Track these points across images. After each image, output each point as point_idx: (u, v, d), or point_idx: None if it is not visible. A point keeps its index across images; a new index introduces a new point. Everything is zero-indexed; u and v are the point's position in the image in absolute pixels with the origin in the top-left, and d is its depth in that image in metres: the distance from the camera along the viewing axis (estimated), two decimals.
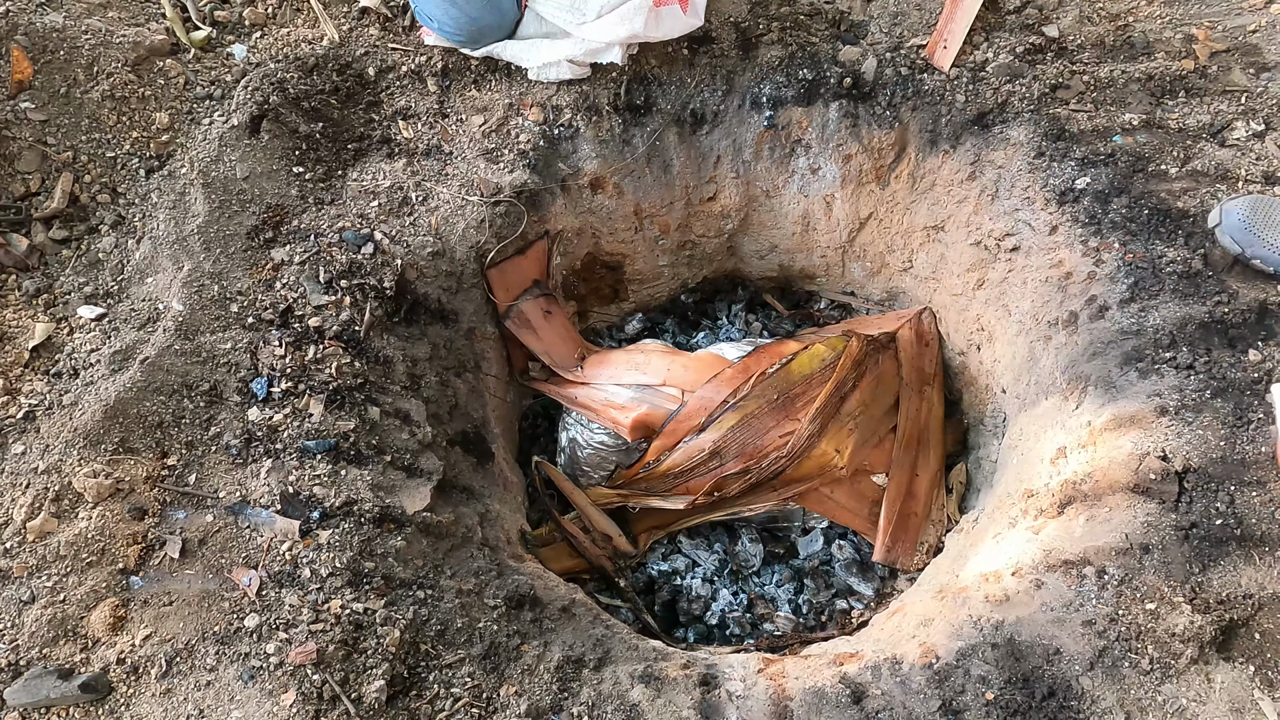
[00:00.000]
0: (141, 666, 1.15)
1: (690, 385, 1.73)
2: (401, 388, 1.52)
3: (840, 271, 2.09)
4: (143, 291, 1.47)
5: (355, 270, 1.52)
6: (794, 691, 1.24)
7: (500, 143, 1.74)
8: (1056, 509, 1.39)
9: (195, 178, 1.54)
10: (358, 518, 1.30)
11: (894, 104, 1.78)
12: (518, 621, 1.33)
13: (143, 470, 1.29)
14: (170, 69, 1.66)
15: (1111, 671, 1.15)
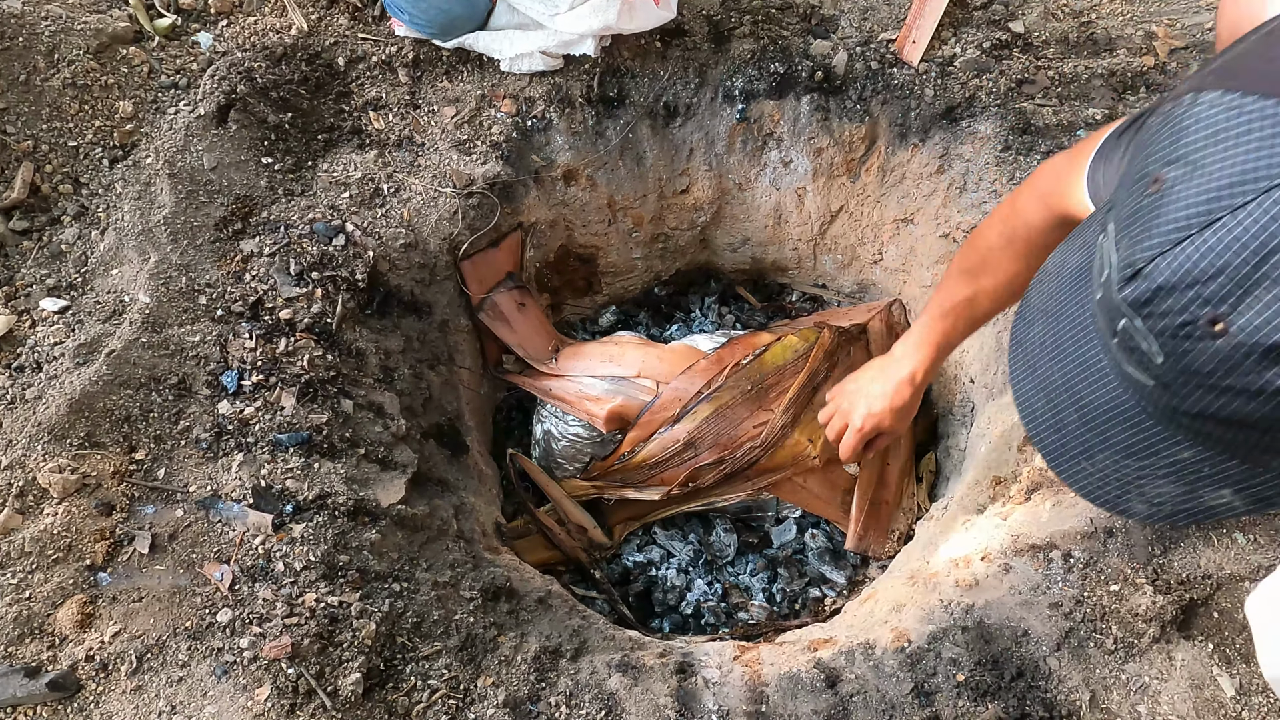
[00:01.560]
0: (111, 664, 1.13)
1: (664, 377, 1.74)
2: (375, 380, 1.50)
3: (812, 264, 2.11)
4: (107, 284, 1.44)
5: (326, 262, 1.50)
6: (769, 677, 1.26)
7: (473, 134, 1.73)
8: (1024, 495, 1.42)
9: (161, 168, 1.51)
10: (331, 511, 1.29)
11: (864, 98, 1.80)
12: (494, 613, 1.33)
13: (110, 465, 1.26)
14: (134, 57, 1.63)
15: (1077, 651, 1.18)
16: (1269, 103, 0.48)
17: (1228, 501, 0.55)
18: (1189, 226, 0.50)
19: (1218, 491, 0.55)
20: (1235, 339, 0.48)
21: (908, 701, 1.18)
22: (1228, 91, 0.51)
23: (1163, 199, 0.52)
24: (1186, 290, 0.50)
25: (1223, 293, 0.48)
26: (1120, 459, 0.57)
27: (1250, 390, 0.49)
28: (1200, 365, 0.50)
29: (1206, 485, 0.54)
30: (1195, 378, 0.51)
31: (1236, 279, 0.48)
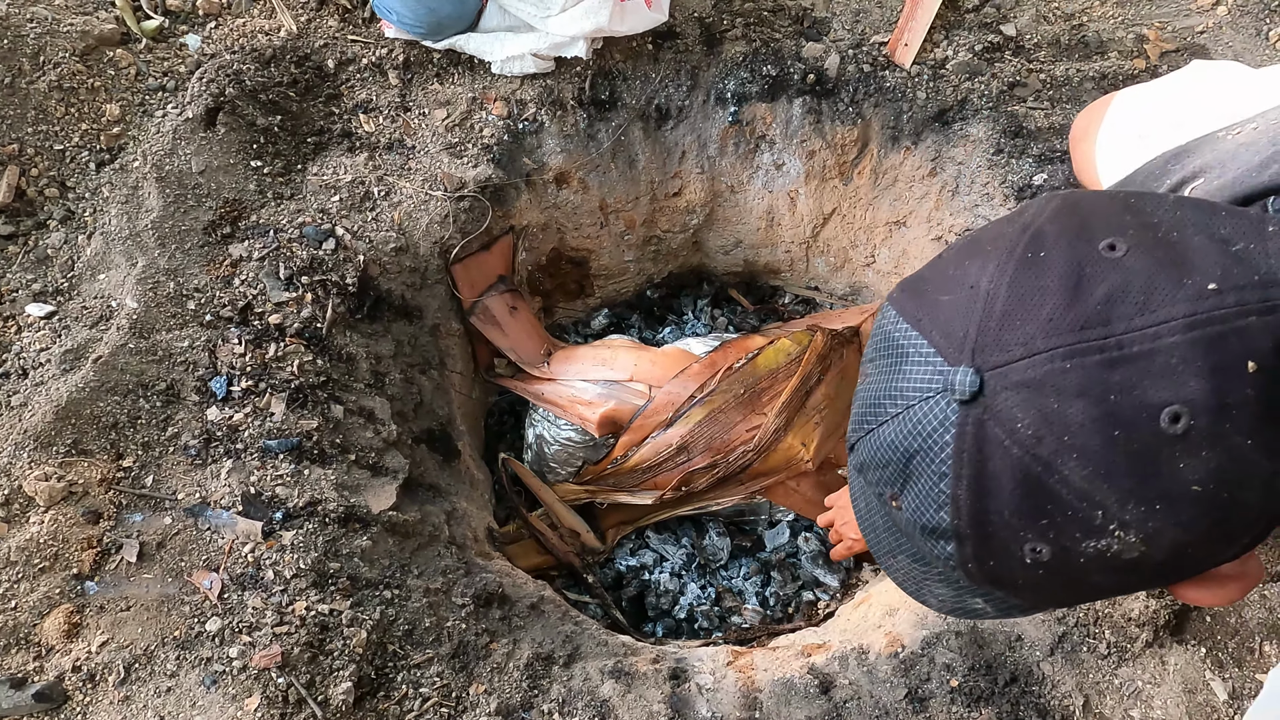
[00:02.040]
0: (98, 674, 1.12)
1: (657, 380, 1.74)
2: (365, 385, 1.49)
3: (804, 266, 2.11)
4: (94, 289, 1.42)
5: (316, 266, 1.49)
6: (763, 683, 1.26)
7: (464, 137, 1.72)
8: None
9: (148, 171, 1.50)
10: (322, 518, 1.28)
11: (856, 100, 1.80)
12: (486, 620, 1.33)
13: (97, 472, 1.25)
14: (121, 59, 1.62)
15: (1071, 656, 1.18)
16: (917, 335, 0.58)
17: (981, 607, 0.64)
18: (868, 422, 0.60)
19: (973, 599, 0.64)
20: (906, 514, 0.58)
21: (901, 707, 1.17)
22: (900, 312, 0.61)
23: (861, 387, 0.63)
24: (874, 470, 0.60)
25: (891, 477, 0.58)
26: (911, 563, 0.66)
27: (926, 555, 0.61)
28: (900, 523, 0.61)
29: (965, 593, 0.64)
30: (898, 531, 0.63)
31: (897, 470, 0.58)
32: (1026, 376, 0.51)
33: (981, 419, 0.52)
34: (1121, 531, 0.50)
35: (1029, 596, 0.60)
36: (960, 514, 0.54)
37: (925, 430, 0.55)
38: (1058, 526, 0.52)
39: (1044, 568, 0.54)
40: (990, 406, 0.52)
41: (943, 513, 0.55)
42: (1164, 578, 0.57)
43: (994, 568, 0.56)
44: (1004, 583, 0.58)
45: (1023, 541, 0.53)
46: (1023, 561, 0.54)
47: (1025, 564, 0.54)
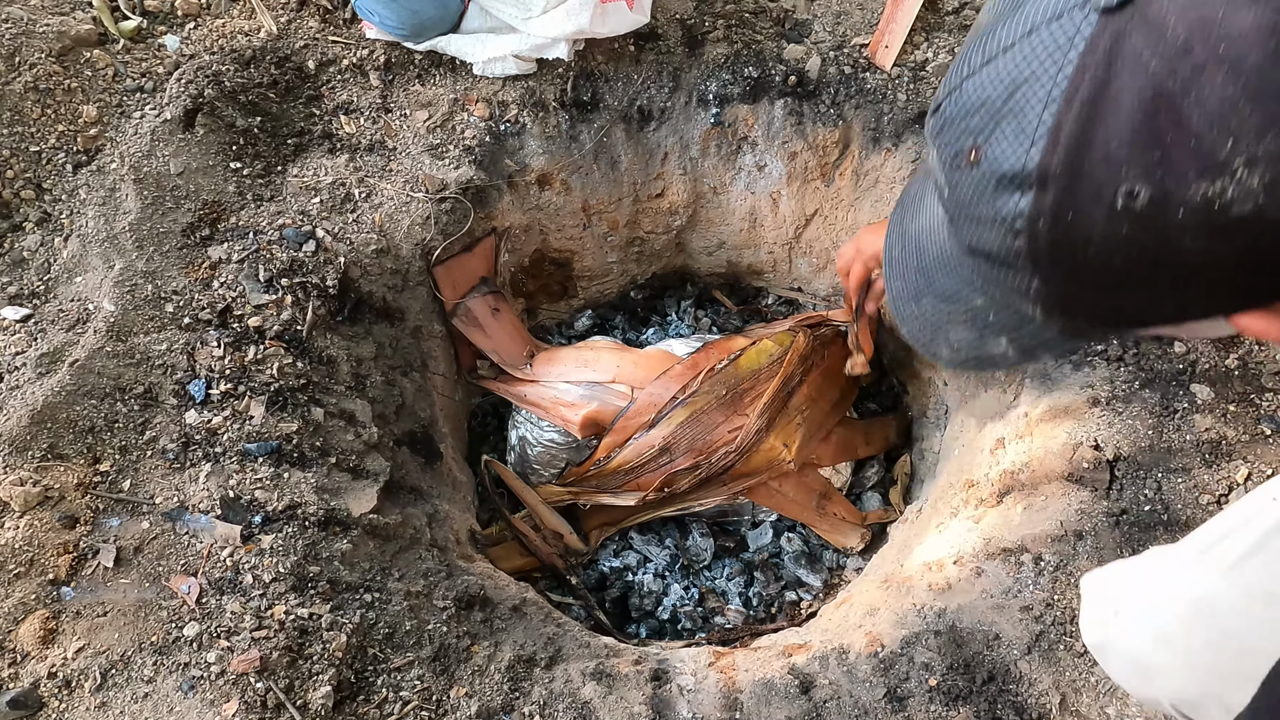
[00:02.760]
0: (74, 680, 1.11)
1: (640, 382, 1.74)
2: (346, 388, 1.49)
3: (787, 267, 2.11)
4: (71, 291, 1.41)
5: (297, 268, 1.49)
6: (744, 684, 1.26)
7: (445, 138, 1.71)
8: (996, 498, 1.43)
9: (126, 173, 1.49)
10: (302, 521, 1.27)
11: (838, 102, 1.80)
12: (468, 622, 1.32)
13: (73, 477, 1.24)
14: (98, 60, 1.60)
15: (1048, 655, 1.19)
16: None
17: (1004, 350, 0.62)
18: (976, 67, 0.55)
19: (997, 339, 0.62)
20: (983, 168, 0.54)
21: (881, 707, 1.18)
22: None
23: (968, 42, 0.59)
24: (960, 122, 0.56)
25: (979, 125, 0.54)
26: (937, 303, 0.64)
27: (990, 218, 0.55)
28: (964, 194, 0.56)
29: (990, 333, 0.61)
30: (963, 208, 0.57)
31: (991, 111, 0.53)
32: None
33: (1123, 29, 0.47)
34: (1246, 170, 0.44)
35: (1083, 294, 0.54)
36: (1056, 149, 0.49)
37: (1044, 54, 0.50)
38: (1170, 161, 0.46)
39: (1131, 223, 0.48)
40: (1142, 12, 0.47)
41: (1034, 151, 0.51)
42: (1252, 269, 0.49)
43: (1070, 224, 0.50)
44: (1069, 254, 0.51)
45: (1120, 182, 0.47)
46: (1110, 211, 0.48)
47: (1110, 217, 0.48)
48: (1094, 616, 0.95)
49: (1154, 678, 0.87)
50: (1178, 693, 0.85)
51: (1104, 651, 0.94)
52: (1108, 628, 0.92)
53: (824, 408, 1.81)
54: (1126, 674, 0.92)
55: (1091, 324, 0.58)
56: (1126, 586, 0.91)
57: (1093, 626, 0.95)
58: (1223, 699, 0.80)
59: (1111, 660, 0.93)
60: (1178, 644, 0.83)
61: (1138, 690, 0.92)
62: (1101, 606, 0.93)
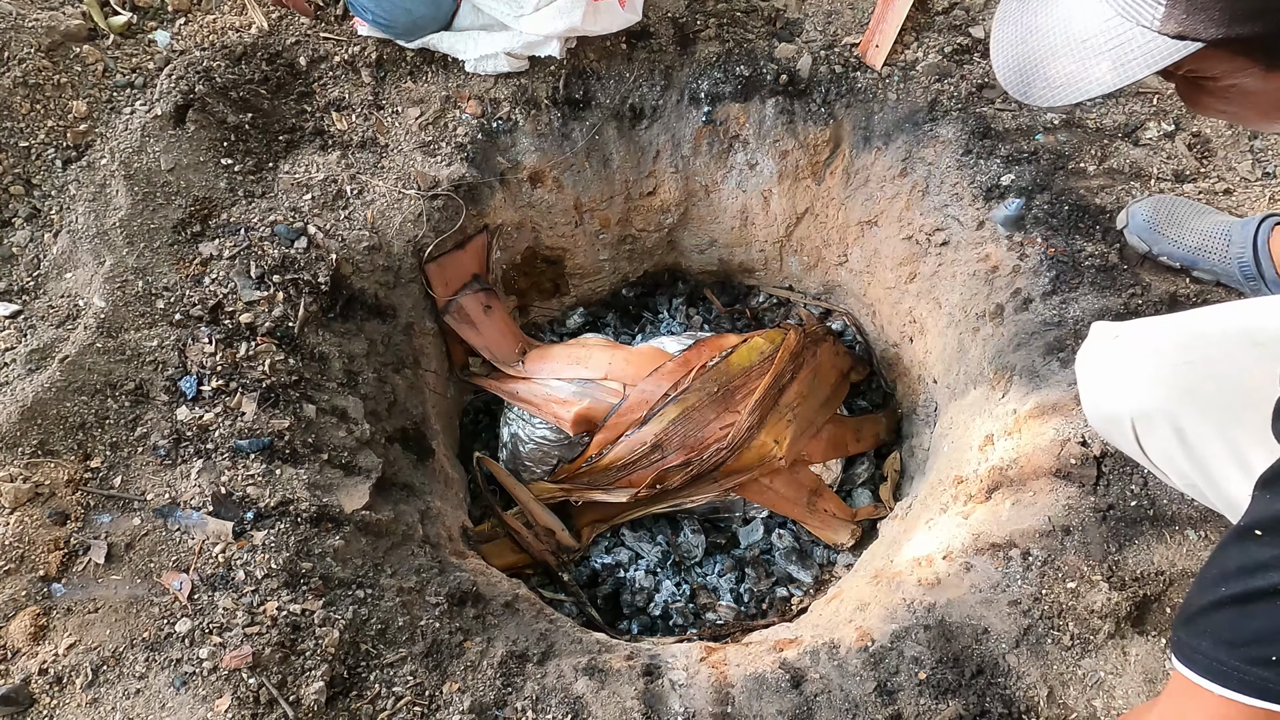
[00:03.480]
0: (66, 676, 1.11)
1: (632, 379, 1.74)
2: (338, 385, 1.49)
3: (778, 265, 2.12)
4: (61, 287, 1.41)
5: (288, 265, 1.48)
6: (735, 678, 1.27)
7: (437, 135, 1.72)
8: (984, 494, 1.44)
9: (116, 169, 1.48)
10: (294, 518, 1.27)
11: (828, 101, 1.81)
12: (460, 618, 1.33)
13: (64, 473, 1.24)
14: (88, 55, 1.60)
15: (1036, 648, 1.20)
16: None
17: (1102, 74, 0.69)
18: None
19: (1098, 63, 0.69)
20: None
21: (871, 700, 1.19)
22: None
23: None
24: None
25: None
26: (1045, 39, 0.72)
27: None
28: None
29: (1093, 59, 0.69)
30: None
31: None
32: None
33: None
34: None
35: None
36: None
37: None
38: None
39: None
40: None
41: None
42: None
43: None
44: None
45: None
46: None
47: None
48: (1095, 340, 1.06)
49: (1126, 391, 0.99)
50: (1139, 405, 0.97)
51: (1088, 369, 1.07)
52: (1104, 348, 1.04)
53: (814, 405, 1.82)
54: (1101, 387, 1.04)
55: (1209, 21, 0.62)
56: (1134, 323, 1.03)
57: (1089, 348, 1.07)
58: (1174, 416, 0.94)
59: (1093, 377, 1.06)
60: (1166, 358, 0.95)
61: (1103, 405, 1.04)
62: (1105, 332, 1.06)
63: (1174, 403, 0.94)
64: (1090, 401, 1.08)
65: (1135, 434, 1.00)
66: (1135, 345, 1.01)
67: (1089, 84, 0.71)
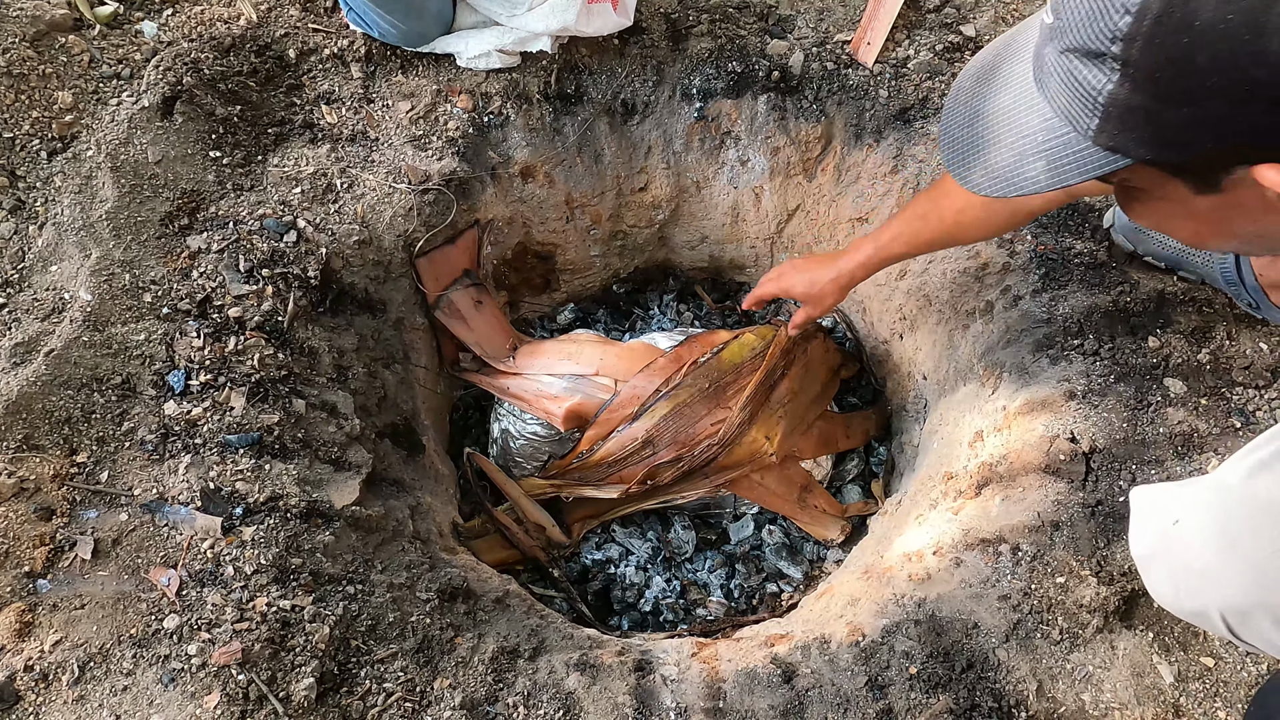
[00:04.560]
0: (52, 673, 1.10)
1: (622, 375, 1.74)
2: (328, 379, 1.48)
3: (769, 262, 2.13)
4: (46, 280, 1.39)
5: (278, 259, 1.47)
6: (727, 673, 1.27)
7: (428, 130, 1.71)
8: (974, 490, 1.45)
9: (103, 161, 1.46)
10: (283, 513, 1.27)
11: (820, 98, 1.82)
12: (451, 614, 1.32)
13: (49, 468, 1.22)
14: (73, 46, 1.58)
15: (1025, 643, 1.21)
16: None
17: (1037, 174, 0.69)
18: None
19: (1035, 163, 0.69)
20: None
21: (862, 695, 1.19)
22: None
23: None
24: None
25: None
26: (988, 126, 0.72)
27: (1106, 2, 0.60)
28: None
29: (1031, 156, 0.69)
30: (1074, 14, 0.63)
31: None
32: None
33: None
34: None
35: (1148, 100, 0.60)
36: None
37: None
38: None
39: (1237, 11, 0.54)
40: None
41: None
42: None
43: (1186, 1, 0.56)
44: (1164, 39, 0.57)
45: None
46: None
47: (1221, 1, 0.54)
48: (1149, 525, 0.94)
49: (1208, 584, 0.86)
50: (1229, 599, 0.84)
51: (1153, 561, 0.93)
52: (1165, 536, 0.90)
53: (805, 401, 1.82)
54: (1176, 583, 0.91)
55: (1138, 141, 0.63)
56: (1185, 498, 0.90)
57: (1145, 535, 0.94)
58: (1272, 608, 0.80)
59: (1160, 570, 0.92)
60: (1243, 545, 0.82)
61: (1185, 601, 0.91)
62: (1159, 515, 0.92)
63: (1268, 594, 0.82)
64: (1163, 596, 0.96)
65: (1227, 624, 0.88)
66: (1203, 534, 0.87)
67: (1023, 181, 0.71)
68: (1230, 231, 0.70)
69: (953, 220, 1.32)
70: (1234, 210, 0.65)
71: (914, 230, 1.40)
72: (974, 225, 1.31)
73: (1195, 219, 0.70)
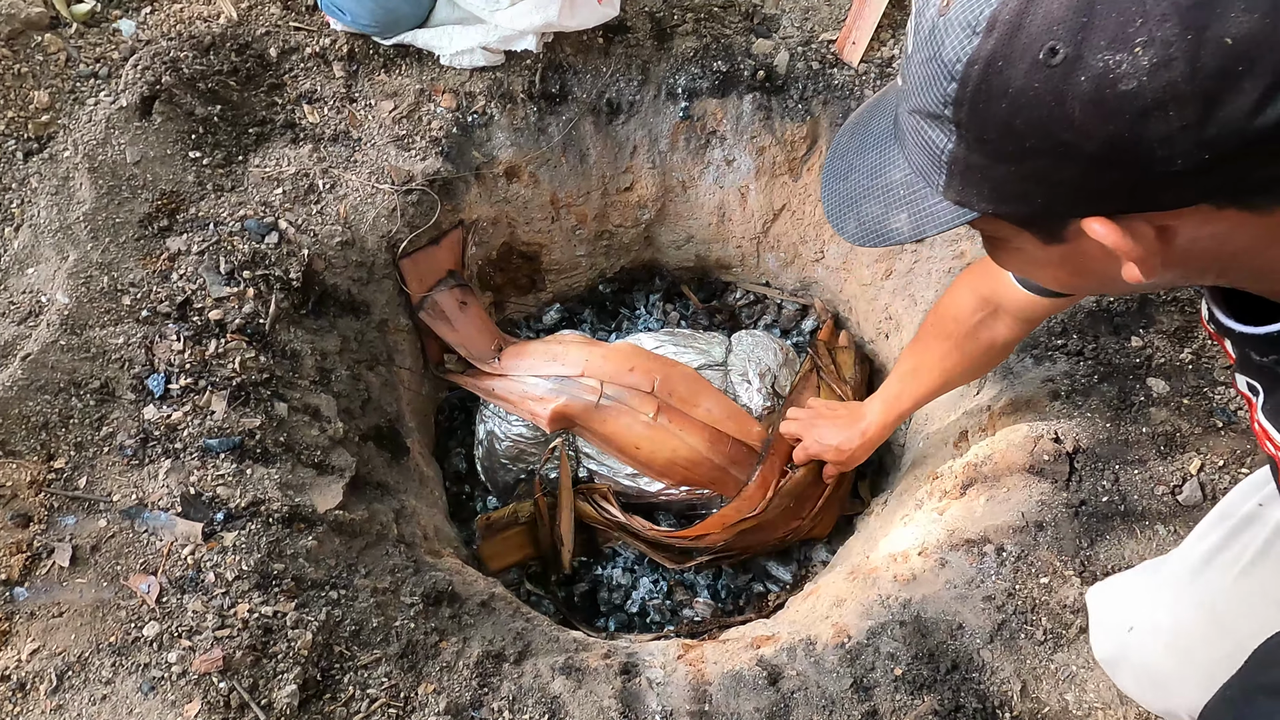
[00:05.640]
0: (29, 683, 1.09)
1: (608, 376, 1.73)
2: (310, 382, 1.47)
3: (755, 262, 2.12)
4: (23, 283, 1.37)
5: (259, 260, 1.46)
6: (712, 676, 1.27)
7: (412, 129, 1.69)
8: (959, 490, 1.45)
9: (80, 161, 1.44)
10: (265, 518, 1.25)
11: (805, 97, 1.81)
12: (436, 618, 1.31)
13: (26, 474, 1.21)
14: (50, 44, 1.55)
15: (1009, 643, 1.21)
16: None
17: (901, 225, 0.72)
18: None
19: (899, 214, 0.71)
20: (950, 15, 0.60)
21: (847, 696, 1.20)
22: None
23: None
24: None
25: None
26: (860, 180, 0.75)
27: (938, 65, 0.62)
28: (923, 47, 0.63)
29: (894, 208, 0.71)
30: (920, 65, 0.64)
31: None
32: None
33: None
34: (1142, 49, 0.52)
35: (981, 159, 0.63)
36: (1007, 7, 0.57)
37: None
38: (1092, 27, 0.53)
39: (1042, 79, 0.55)
40: None
41: (987, 9, 0.58)
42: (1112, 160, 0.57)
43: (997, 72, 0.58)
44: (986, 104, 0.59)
45: (1048, 39, 0.55)
46: (1032, 64, 0.56)
47: (1030, 70, 0.56)
48: (1107, 632, 1.01)
49: (1172, 690, 0.93)
50: (1195, 703, 0.90)
51: (1117, 666, 1.00)
52: (1123, 644, 0.98)
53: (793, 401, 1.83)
54: (1142, 687, 0.98)
55: (980, 196, 0.65)
56: (1138, 601, 0.97)
57: (1105, 642, 1.01)
58: None
59: (1125, 674, 1.00)
60: (1196, 656, 0.89)
61: (1154, 703, 0.98)
62: (1114, 622, 1.00)
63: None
64: (1134, 695, 1.03)
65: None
66: (1156, 645, 0.94)
67: (891, 232, 0.73)
68: (1090, 275, 0.72)
69: (940, 369, 1.40)
70: (1083, 258, 0.67)
71: (913, 387, 1.47)
72: (958, 370, 1.38)
73: (1053, 266, 0.73)
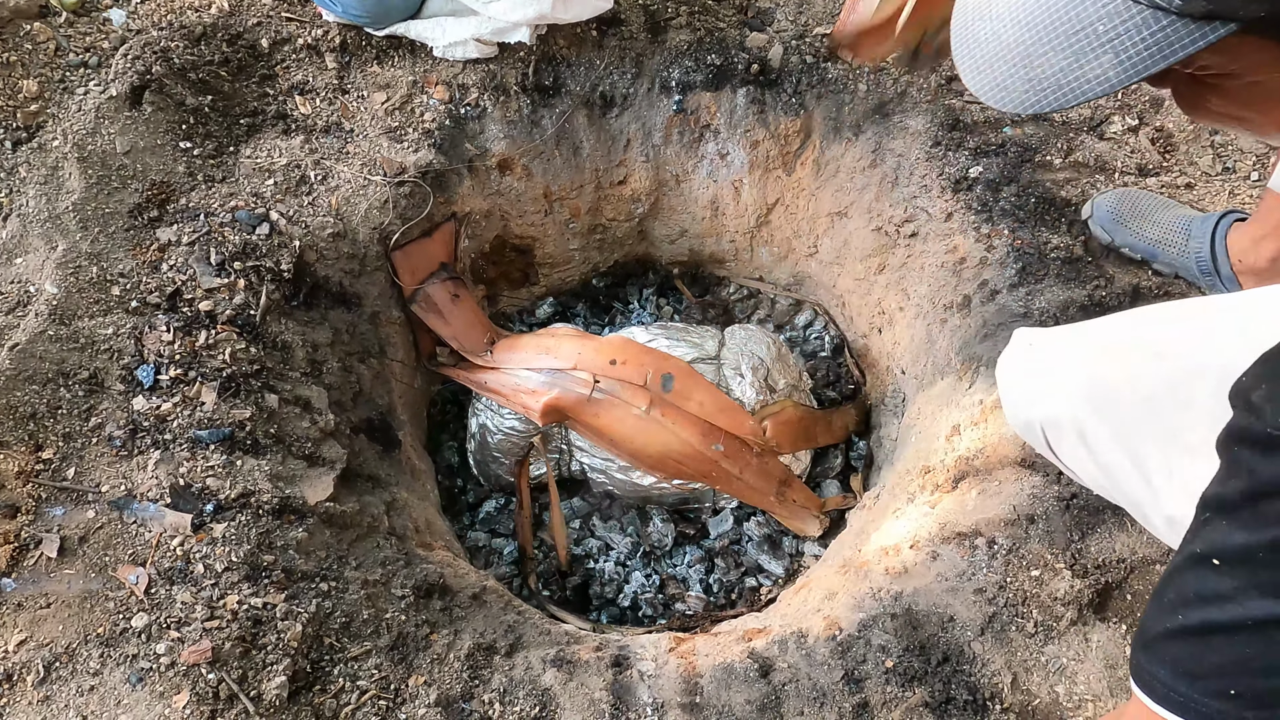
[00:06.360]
0: (16, 674, 1.08)
1: (601, 369, 1.73)
2: (301, 374, 1.46)
3: (749, 256, 2.12)
4: (11, 273, 1.36)
5: (250, 251, 1.45)
6: (704, 669, 1.27)
7: (404, 121, 1.69)
8: (951, 484, 1.45)
9: (70, 151, 1.43)
10: (255, 509, 1.25)
11: (799, 91, 1.81)
12: (427, 611, 1.31)
13: (14, 465, 1.20)
14: (39, 33, 1.54)
15: (1000, 636, 1.21)
16: None
17: (1103, 71, 0.60)
18: None
19: (1098, 60, 0.59)
20: None
21: (838, 689, 1.20)
22: None
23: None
24: None
25: None
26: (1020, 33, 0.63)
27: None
28: None
29: (1091, 52, 0.59)
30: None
31: None
32: None
33: None
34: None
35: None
36: None
37: None
38: None
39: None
40: None
41: None
42: None
43: None
44: None
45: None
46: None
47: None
48: (1013, 348, 1.09)
49: (1038, 399, 1.02)
50: (1048, 413, 1.00)
51: (1005, 375, 1.09)
52: (1020, 355, 1.06)
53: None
54: (1018, 396, 1.06)
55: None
56: (1049, 332, 1.05)
57: (1008, 355, 1.09)
58: (1079, 424, 0.97)
59: (1008, 383, 1.08)
60: (1073, 371, 0.98)
61: (1021, 413, 1.07)
62: (1022, 339, 1.08)
63: (1080, 411, 0.96)
64: (1007, 406, 1.11)
65: (1046, 439, 1.03)
66: (1047, 356, 1.03)
67: (1086, 84, 0.61)
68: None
69: None
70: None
71: None
72: None
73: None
